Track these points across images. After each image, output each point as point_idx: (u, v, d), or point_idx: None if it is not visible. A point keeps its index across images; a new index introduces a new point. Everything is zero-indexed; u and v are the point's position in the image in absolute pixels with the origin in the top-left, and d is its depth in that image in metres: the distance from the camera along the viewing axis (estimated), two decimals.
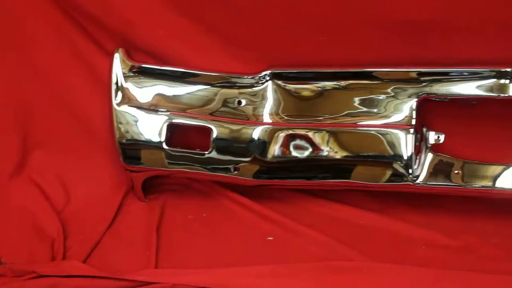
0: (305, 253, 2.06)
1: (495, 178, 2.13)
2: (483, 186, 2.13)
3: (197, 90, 2.22)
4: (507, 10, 1.99)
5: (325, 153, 2.15)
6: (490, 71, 2.06)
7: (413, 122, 2.09)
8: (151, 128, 2.21)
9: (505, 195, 2.13)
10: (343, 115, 2.16)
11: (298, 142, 2.17)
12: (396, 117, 2.11)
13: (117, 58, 2.20)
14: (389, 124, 2.12)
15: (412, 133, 2.09)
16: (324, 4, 2.08)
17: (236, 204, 2.28)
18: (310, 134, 2.16)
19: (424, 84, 2.09)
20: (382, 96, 2.13)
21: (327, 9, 2.09)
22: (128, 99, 2.20)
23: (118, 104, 2.21)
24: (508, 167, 2.13)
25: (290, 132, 2.16)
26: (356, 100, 2.16)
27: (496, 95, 2.06)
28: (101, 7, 2.19)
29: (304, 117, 2.17)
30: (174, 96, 2.22)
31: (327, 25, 2.12)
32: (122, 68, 2.20)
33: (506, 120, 2.14)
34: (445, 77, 2.10)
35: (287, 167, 2.18)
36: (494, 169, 2.14)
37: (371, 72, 2.15)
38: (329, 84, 2.17)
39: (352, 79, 2.16)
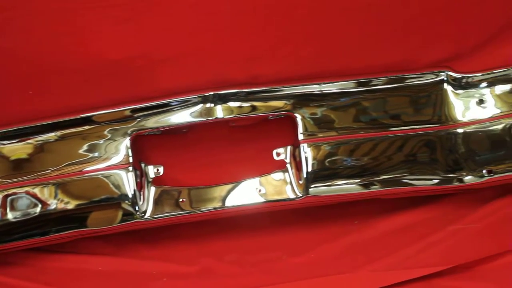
0: None
1: (223, 198, 2.19)
2: (214, 208, 2.18)
3: None
4: (199, 40, 2.07)
5: (55, 206, 2.13)
6: (197, 97, 2.12)
7: (131, 160, 2.10)
8: None
9: (236, 212, 2.20)
10: (68, 164, 2.13)
11: (22, 201, 2.12)
12: (116, 158, 2.13)
13: None
14: (110, 166, 2.12)
15: (131, 171, 2.10)
16: (24, 58, 2.06)
17: None
18: (36, 190, 2.11)
19: (138, 120, 2.11)
20: (101, 140, 2.12)
21: (27, 62, 2.07)
22: None
23: None
24: (233, 185, 2.20)
25: (8, 192, 2.09)
26: (78, 147, 2.15)
27: (205, 119, 2.12)
28: None
29: (25, 175, 2.12)
30: None
31: (31, 78, 2.09)
32: None
33: (217, 141, 2.22)
34: (156, 110, 2.14)
35: (13, 228, 2.11)
36: (220, 190, 2.20)
37: (89, 117, 2.14)
38: (46, 136, 2.15)
39: (69, 128, 2.14)
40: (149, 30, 2.05)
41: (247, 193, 2.19)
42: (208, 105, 2.12)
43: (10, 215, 2.11)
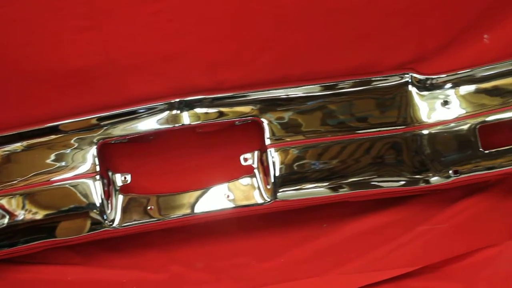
0: None
1: (192, 205, 2.18)
2: (182, 215, 2.17)
3: None
4: (164, 47, 2.08)
5: (22, 217, 2.11)
6: (163, 104, 2.11)
7: (98, 168, 2.09)
8: None
9: (204, 218, 2.20)
10: (35, 175, 2.12)
11: None
12: (83, 167, 2.12)
13: None
14: (78, 175, 2.11)
15: (99, 179, 2.09)
16: None
17: None
18: (3, 201, 2.11)
19: (104, 128, 2.10)
20: (67, 149, 2.11)
21: None
22: None
23: None
24: (201, 191, 2.20)
25: None
26: (45, 157, 2.14)
27: (172, 126, 2.12)
28: None
29: None
30: None
31: None
32: None
33: (184, 147, 2.22)
34: (122, 118, 2.13)
35: None
36: (188, 197, 2.20)
37: (55, 126, 2.13)
38: (12, 146, 2.15)
39: (35, 138, 2.14)
40: (112, 38, 2.05)
41: (216, 199, 2.19)
42: (174, 111, 2.12)
43: None
